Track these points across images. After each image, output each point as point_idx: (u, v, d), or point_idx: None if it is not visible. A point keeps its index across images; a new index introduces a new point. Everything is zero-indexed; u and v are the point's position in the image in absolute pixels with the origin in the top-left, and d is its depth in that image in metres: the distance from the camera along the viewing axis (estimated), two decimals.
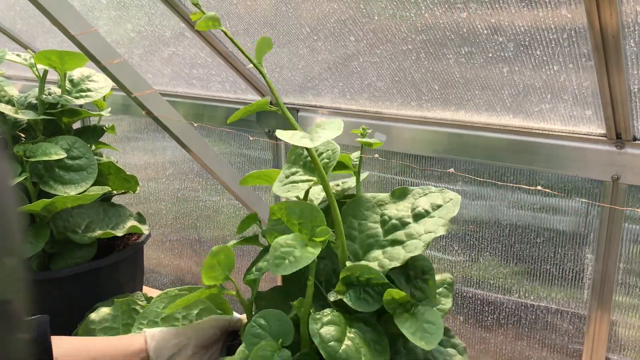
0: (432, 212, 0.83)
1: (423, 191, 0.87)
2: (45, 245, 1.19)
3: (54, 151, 1.16)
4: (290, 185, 0.87)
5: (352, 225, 0.89)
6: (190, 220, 1.71)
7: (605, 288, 1.05)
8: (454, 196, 0.83)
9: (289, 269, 0.73)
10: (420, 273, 0.83)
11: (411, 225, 0.84)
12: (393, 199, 0.89)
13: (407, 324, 0.75)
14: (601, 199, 1.03)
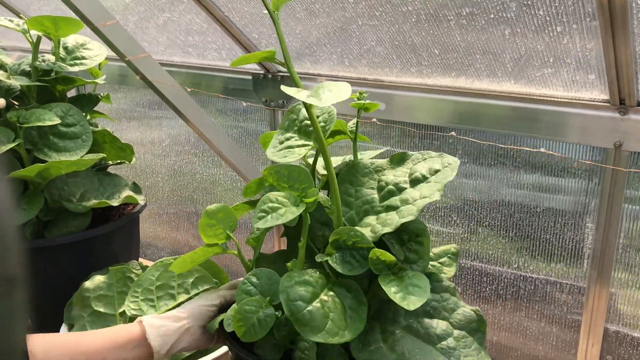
0: (429, 177, 0.82)
1: (422, 156, 0.85)
2: (40, 214, 1.17)
3: (48, 117, 1.15)
4: (286, 150, 0.85)
5: (348, 191, 0.88)
6: (187, 193, 1.69)
7: (606, 257, 1.04)
8: (452, 160, 0.82)
9: (269, 223, 0.73)
10: (414, 236, 0.82)
11: (407, 191, 0.82)
12: (392, 165, 0.87)
13: (391, 284, 0.75)
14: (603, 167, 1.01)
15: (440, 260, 0.88)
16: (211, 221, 0.82)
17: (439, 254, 0.89)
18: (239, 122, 1.52)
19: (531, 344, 1.18)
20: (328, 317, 0.73)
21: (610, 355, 1.09)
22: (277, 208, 0.75)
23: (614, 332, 1.08)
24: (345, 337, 0.73)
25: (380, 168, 0.88)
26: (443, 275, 0.84)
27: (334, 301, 0.76)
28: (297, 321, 0.72)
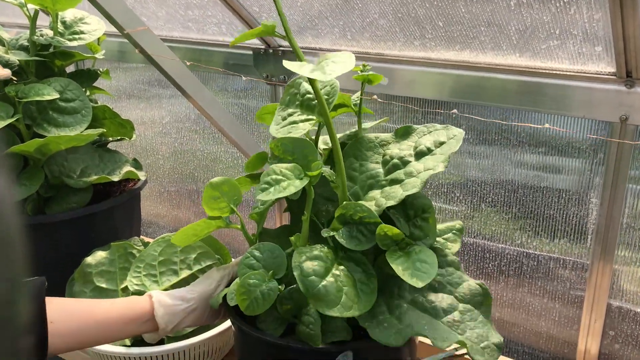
0: (434, 149, 0.81)
1: (427, 129, 0.84)
2: (40, 189, 1.17)
3: (46, 92, 1.13)
4: (290, 126, 0.85)
5: (352, 166, 0.87)
6: (188, 170, 1.68)
7: (610, 233, 1.03)
8: (457, 132, 0.81)
9: (272, 195, 0.73)
10: (420, 211, 0.82)
11: (412, 164, 0.82)
12: (396, 139, 0.87)
13: (398, 261, 0.74)
14: (609, 140, 1.00)
15: (445, 236, 0.88)
16: (215, 193, 0.81)
17: (443, 230, 0.89)
18: (239, 99, 1.50)
19: (534, 319, 1.18)
20: (342, 290, 0.73)
21: (613, 331, 1.09)
22: (281, 180, 0.75)
23: (617, 307, 1.08)
24: (358, 310, 0.73)
25: (385, 142, 0.87)
26: (447, 251, 0.84)
27: (346, 275, 0.76)
28: (313, 296, 0.72)
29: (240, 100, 1.51)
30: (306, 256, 0.75)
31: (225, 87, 1.51)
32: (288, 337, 0.81)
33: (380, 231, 0.75)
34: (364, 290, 0.76)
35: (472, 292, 0.78)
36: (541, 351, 1.19)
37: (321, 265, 0.74)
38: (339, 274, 0.75)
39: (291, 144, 0.79)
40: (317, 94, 0.77)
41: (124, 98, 1.77)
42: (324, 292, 0.72)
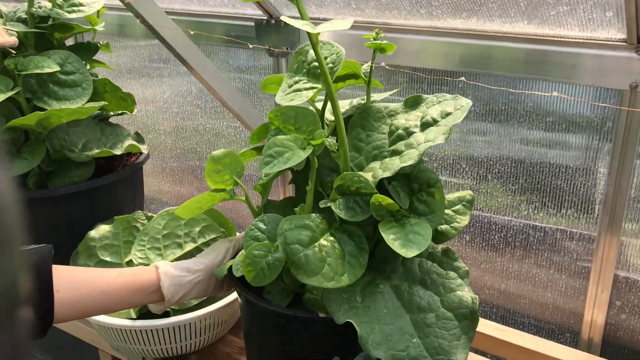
0: (440, 120, 0.79)
1: (437, 99, 0.82)
2: (42, 164, 1.15)
3: (46, 64, 1.11)
4: (293, 94, 0.83)
5: (359, 136, 0.85)
6: (190, 146, 1.67)
7: (618, 203, 1.03)
8: (465, 102, 0.79)
9: (276, 167, 0.71)
10: (425, 186, 0.80)
11: (415, 135, 0.80)
12: (405, 109, 0.84)
13: (391, 231, 0.73)
14: (619, 109, 0.99)
15: (454, 208, 0.86)
16: (217, 167, 0.80)
17: (453, 201, 0.87)
18: (241, 72, 1.48)
19: (540, 291, 1.18)
20: (325, 261, 0.72)
21: (620, 301, 1.09)
22: (284, 152, 0.73)
23: (624, 278, 1.08)
24: (341, 282, 0.72)
25: (393, 112, 0.85)
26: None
27: (333, 246, 0.75)
28: (292, 264, 0.72)
29: (242, 75, 1.49)
30: (294, 224, 0.74)
31: (226, 60, 1.49)
32: (295, 307, 0.80)
33: (374, 201, 0.74)
34: (351, 263, 0.75)
35: (460, 302, 0.74)
36: (547, 322, 1.19)
37: (307, 235, 0.74)
38: (325, 244, 0.74)
39: (293, 113, 0.77)
40: (319, 59, 0.75)
41: (124, 73, 1.75)
42: (304, 261, 0.71)
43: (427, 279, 0.76)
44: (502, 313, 1.24)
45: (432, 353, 0.70)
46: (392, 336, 0.71)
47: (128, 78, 1.75)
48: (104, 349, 1.17)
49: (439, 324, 0.72)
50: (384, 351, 0.69)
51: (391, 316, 0.73)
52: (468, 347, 0.71)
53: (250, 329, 0.88)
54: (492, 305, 1.24)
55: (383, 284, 0.77)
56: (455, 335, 0.71)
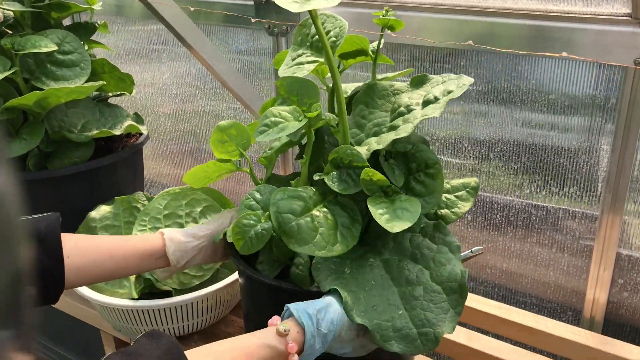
0: (441, 98, 0.78)
1: (442, 79, 0.81)
2: (41, 145, 1.15)
3: (44, 44, 1.10)
4: (295, 67, 0.82)
5: (362, 113, 0.85)
6: (190, 128, 1.66)
7: (621, 180, 1.02)
8: (467, 81, 0.78)
9: (270, 136, 0.72)
10: (424, 166, 0.79)
11: (414, 112, 0.79)
12: (411, 87, 0.84)
13: (379, 206, 0.73)
14: (623, 85, 0.98)
15: (458, 193, 0.85)
16: (223, 137, 0.79)
17: (456, 186, 0.86)
18: (241, 53, 1.47)
19: (542, 270, 1.17)
20: (317, 231, 0.73)
21: (622, 279, 1.09)
22: (279, 122, 0.73)
23: (626, 256, 1.07)
24: (333, 251, 0.72)
25: (398, 91, 0.84)
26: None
27: (326, 217, 0.75)
28: (284, 233, 0.72)
29: (241, 56, 1.47)
30: (287, 195, 0.74)
31: (225, 40, 1.47)
32: (284, 279, 0.81)
33: (365, 175, 0.74)
34: (344, 234, 0.75)
35: (451, 276, 0.73)
36: (549, 301, 1.19)
37: (300, 205, 0.74)
38: (318, 214, 0.75)
39: (295, 84, 0.77)
40: (319, 32, 0.74)
41: (123, 54, 1.73)
42: (295, 230, 0.72)
43: (417, 253, 0.76)
44: (504, 293, 1.24)
45: (417, 325, 0.70)
46: (378, 306, 0.71)
47: (126, 60, 1.73)
48: (106, 330, 1.17)
49: (427, 297, 0.72)
50: (369, 319, 0.69)
51: (378, 288, 0.73)
52: (455, 320, 0.70)
53: (245, 297, 0.89)
54: (494, 285, 1.24)
55: (374, 258, 0.77)
56: (443, 309, 0.71)
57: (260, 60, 1.44)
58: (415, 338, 0.69)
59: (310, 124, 0.76)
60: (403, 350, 0.68)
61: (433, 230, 0.77)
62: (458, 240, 0.76)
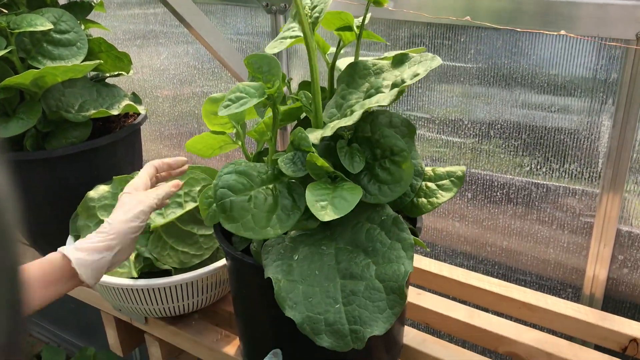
0: (407, 81, 0.74)
1: (420, 58, 0.77)
2: (38, 125, 1.14)
3: (40, 22, 1.09)
4: (278, 41, 0.82)
5: (342, 93, 0.82)
6: (188, 109, 1.65)
7: (622, 156, 1.02)
8: (435, 63, 0.73)
9: (231, 110, 0.71)
10: (389, 153, 0.76)
11: (378, 95, 0.77)
12: (392, 66, 0.80)
13: (318, 192, 0.71)
14: (624, 60, 0.97)
15: (440, 182, 0.82)
16: (214, 108, 0.79)
17: (440, 175, 0.83)
18: (239, 33, 1.46)
19: (542, 247, 1.17)
20: (249, 211, 0.72)
21: (622, 255, 1.09)
22: (242, 97, 0.73)
23: (627, 232, 1.07)
24: (260, 234, 0.71)
25: (379, 70, 0.81)
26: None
27: (266, 199, 0.73)
28: (218, 207, 0.72)
29: (239, 36, 1.46)
30: (235, 169, 0.74)
31: (224, 19, 1.46)
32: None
33: (309, 159, 0.73)
34: (281, 218, 0.73)
35: (394, 275, 0.69)
36: (549, 279, 1.19)
37: (240, 182, 0.73)
38: (258, 195, 0.73)
39: (260, 61, 0.76)
40: (296, 3, 0.72)
41: (120, 35, 1.72)
42: (228, 207, 0.71)
43: (370, 246, 0.73)
44: (503, 271, 1.24)
45: (350, 321, 0.67)
46: (314, 298, 0.68)
47: (123, 40, 1.72)
48: (106, 309, 1.17)
49: (366, 294, 0.69)
50: (299, 312, 0.68)
51: (322, 278, 0.70)
52: (390, 321, 0.67)
53: (227, 270, 0.91)
54: (494, 263, 1.24)
55: (328, 245, 0.75)
56: (379, 308, 0.68)
57: (259, 40, 1.42)
58: (346, 334, 0.67)
59: (275, 101, 0.75)
60: (332, 346, 0.66)
61: (391, 224, 0.74)
62: (411, 239, 0.73)
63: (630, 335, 0.96)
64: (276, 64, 0.76)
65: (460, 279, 1.10)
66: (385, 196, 0.75)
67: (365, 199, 0.75)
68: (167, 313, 1.03)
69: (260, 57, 0.77)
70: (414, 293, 1.09)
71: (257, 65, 0.77)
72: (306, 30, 0.74)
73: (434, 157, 1.24)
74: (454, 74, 1.15)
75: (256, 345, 0.90)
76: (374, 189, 0.76)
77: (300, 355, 0.82)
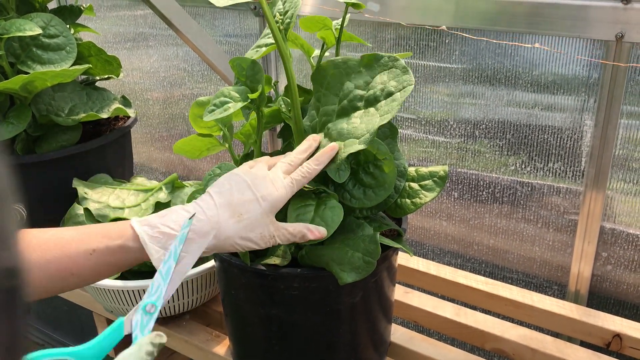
0: (381, 101, 0.73)
1: (390, 63, 0.75)
2: (28, 129, 1.15)
3: (28, 27, 1.10)
4: (256, 49, 0.83)
5: (317, 95, 0.80)
6: (179, 110, 1.66)
7: (604, 155, 1.03)
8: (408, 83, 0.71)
9: (215, 115, 0.72)
10: (372, 158, 0.77)
11: (353, 119, 0.75)
12: (360, 67, 0.77)
13: (301, 210, 0.73)
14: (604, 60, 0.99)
15: (423, 182, 0.82)
16: (201, 112, 0.80)
17: (423, 175, 0.83)
18: (228, 35, 1.47)
19: (527, 246, 1.19)
20: None
21: (606, 252, 1.11)
22: (226, 102, 0.74)
23: (610, 229, 1.09)
24: None
25: (350, 70, 0.78)
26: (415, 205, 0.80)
27: None
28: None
29: (228, 38, 1.47)
30: (224, 171, 0.77)
31: (212, 22, 1.47)
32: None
33: None
34: None
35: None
36: (535, 277, 1.21)
37: None
38: None
39: (244, 65, 0.77)
40: (263, 7, 0.72)
41: (110, 38, 1.73)
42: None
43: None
44: (490, 269, 1.25)
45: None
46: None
47: (113, 43, 1.73)
48: (98, 311, 1.18)
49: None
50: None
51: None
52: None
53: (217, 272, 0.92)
54: (480, 262, 1.26)
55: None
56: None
57: (248, 42, 1.44)
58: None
59: (258, 105, 0.77)
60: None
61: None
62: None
63: (613, 331, 0.98)
64: (259, 68, 0.77)
65: (448, 277, 1.11)
66: (370, 200, 0.77)
67: (351, 203, 0.77)
68: (159, 314, 1.04)
69: (243, 60, 0.78)
70: (402, 291, 1.10)
71: (240, 68, 0.78)
72: (278, 38, 0.73)
73: (420, 158, 1.26)
74: (439, 74, 1.17)
75: (246, 345, 0.91)
76: (358, 193, 0.77)
77: (290, 354, 0.84)
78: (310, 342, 0.82)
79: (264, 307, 0.81)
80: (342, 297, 0.79)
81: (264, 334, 0.85)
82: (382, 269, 0.82)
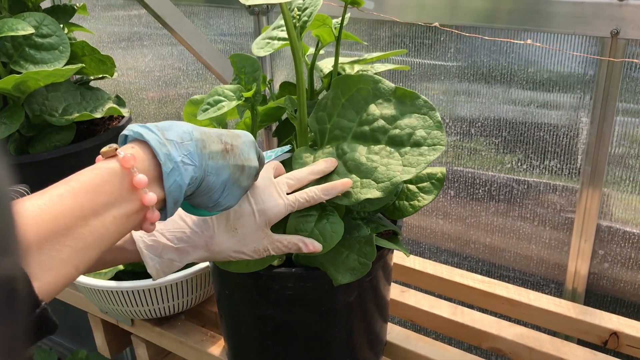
0: (406, 147, 0.70)
1: (424, 107, 0.71)
2: (22, 129, 1.14)
3: (21, 27, 1.09)
4: (264, 41, 0.82)
5: (335, 101, 0.75)
6: (174, 110, 1.65)
7: (600, 152, 1.03)
8: (439, 141, 0.68)
9: (209, 114, 0.72)
10: None
11: (375, 155, 0.71)
12: (392, 97, 0.73)
13: (302, 220, 0.71)
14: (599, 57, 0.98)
15: (421, 184, 0.81)
16: (195, 110, 0.80)
17: (421, 177, 0.81)
18: (223, 34, 1.46)
19: (524, 244, 1.19)
20: None
21: (602, 250, 1.10)
22: (220, 101, 0.74)
23: (607, 227, 1.09)
24: None
25: (378, 94, 0.74)
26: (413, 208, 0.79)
27: None
28: None
29: (223, 37, 1.47)
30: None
31: (207, 21, 1.46)
32: None
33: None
34: None
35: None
36: (532, 275, 1.20)
37: None
38: None
39: (243, 61, 0.77)
40: (282, 9, 0.72)
41: (104, 37, 1.72)
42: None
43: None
44: (487, 267, 1.25)
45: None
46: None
47: (108, 43, 1.72)
48: (93, 312, 1.18)
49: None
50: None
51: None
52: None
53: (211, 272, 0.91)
54: (477, 260, 1.26)
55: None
56: None
57: (243, 41, 1.43)
58: None
59: (253, 103, 0.76)
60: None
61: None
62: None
63: (610, 329, 0.97)
64: (258, 66, 0.77)
65: (444, 276, 1.11)
66: (372, 204, 0.76)
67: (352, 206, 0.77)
68: (153, 314, 1.04)
69: (243, 57, 0.78)
70: (398, 290, 1.10)
71: (240, 65, 0.78)
72: (292, 36, 0.71)
73: None
74: (434, 72, 1.16)
75: (241, 345, 0.90)
76: None
77: (285, 354, 0.83)
78: (305, 342, 0.82)
79: (259, 307, 0.80)
80: (337, 296, 0.78)
81: (259, 334, 0.85)
82: (378, 268, 0.81)
